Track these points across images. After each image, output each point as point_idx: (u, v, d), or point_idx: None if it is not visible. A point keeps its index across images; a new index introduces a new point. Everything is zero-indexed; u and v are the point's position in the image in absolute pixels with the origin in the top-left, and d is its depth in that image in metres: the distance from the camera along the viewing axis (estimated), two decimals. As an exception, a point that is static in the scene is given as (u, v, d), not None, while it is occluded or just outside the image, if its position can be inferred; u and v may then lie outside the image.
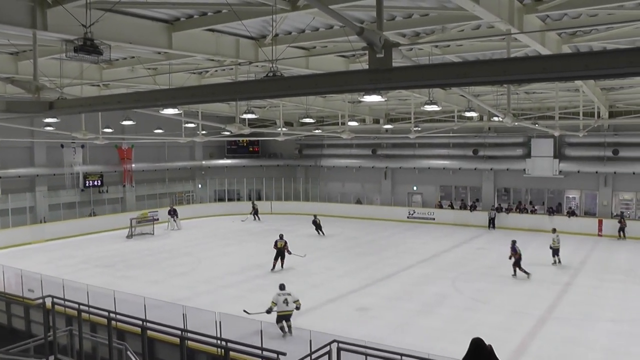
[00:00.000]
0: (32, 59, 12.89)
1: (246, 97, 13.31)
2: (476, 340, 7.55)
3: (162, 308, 15.98)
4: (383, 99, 21.12)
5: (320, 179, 47.14)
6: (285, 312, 16.45)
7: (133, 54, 18.19)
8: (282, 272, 24.86)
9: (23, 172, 35.97)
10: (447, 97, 27.05)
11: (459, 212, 39.56)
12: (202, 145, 44.99)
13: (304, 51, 17.11)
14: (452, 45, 16.64)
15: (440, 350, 11.97)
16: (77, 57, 10.19)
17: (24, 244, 32.86)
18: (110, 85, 23.37)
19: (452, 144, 40.36)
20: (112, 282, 21.67)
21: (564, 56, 5.43)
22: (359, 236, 34.16)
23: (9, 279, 21.51)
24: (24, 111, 13.80)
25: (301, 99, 28.56)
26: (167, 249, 31.02)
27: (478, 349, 7.48)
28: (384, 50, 6.19)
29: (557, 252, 26.37)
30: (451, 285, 22.41)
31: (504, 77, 5.98)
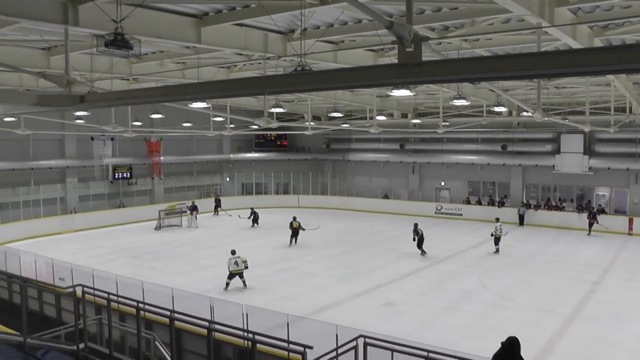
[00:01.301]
0: (63, 54, 13.06)
1: (275, 91, 13.32)
2: (512, 339, 7.54)
3: (190, 299, 16.11)
4: (412, 94, 20.94)
5: (348, 173, 47.04)
6: (238, 270, 21.23)
7: (162, 48, 18.28)
8: (308, 265, 25.02)
9: (54, 164, 36.57)
10: (475, 92, 26.81)
11: (487, 208, 39.05)
12: (230, 138, 45.16)
13: (333, 45, 17.07)
14: (481, 39, 16.48)
15: (465, 347, 11.90)
16: (107, 51, 10.31)
17: (55, 234, 33.44)
18: (140, 79, 23.55)
19: (481, 139, 40.03)
20: (139, 273, 21.91)
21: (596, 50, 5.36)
22: (385, 231, 34.08)
23: (41, 268, 21.87)
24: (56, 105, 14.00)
25: (329, 93, 28.50)
26: (195, 241, 31.22)
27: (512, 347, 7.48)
28: (413, 44, 6.16)
29: (498, 240, 27.57)
30: (478, 282, 22.28)
31: (534, 72, 5.90)
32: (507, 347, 7.52)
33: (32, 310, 18.66)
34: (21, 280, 11.70)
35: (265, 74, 17.55)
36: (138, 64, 20.22)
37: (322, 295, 20.55)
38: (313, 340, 8.88)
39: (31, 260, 22.72)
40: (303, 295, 20.48)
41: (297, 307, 17.69)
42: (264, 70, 18.45)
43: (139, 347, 9.28)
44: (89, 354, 9.71)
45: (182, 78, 21.24)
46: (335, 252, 27.67)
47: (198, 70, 19.55)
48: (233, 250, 22.11)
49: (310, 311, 17.76)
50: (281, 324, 14.07)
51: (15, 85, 22.24)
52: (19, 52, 17.74)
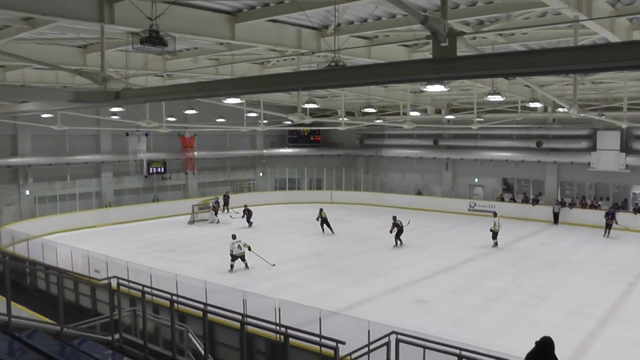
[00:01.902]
0: (99, 52, 13.23)
1: (309, 86, 13.35)
2: (546, 339, 7.47)
3: (223, 293, 16.22)
4: (446, 89, 20.82)
5: (381, 169, 46.92)
6: (240, 253, 23.60)
7: (196, 45, 18.41)
8: (341, 261, 25.05)
9: (90, 159, 37.20)
10: (510, 88, 26.52)
11: (521, 205, 38.65)
12: (263, 134, 45.41)
13: (366, 41, 17.01)
14: (516, 33, 16.27)
15: (498, 346, 11.76)
16: (143, 48, 10.43)
17: (90, 227, 34.00)
18: (174, 76, 23.73)
19: (515, 135, 39.51)
20: (173, 266, 22.13)
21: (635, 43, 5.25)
22: (418, 227, 33.86)
23: (77, 260, 22.23)
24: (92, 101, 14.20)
25: (362, 88, 28.42)
26: (228, 235, 31.32)
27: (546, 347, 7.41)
28: (448, 39, 6.14)
29: (496, 235, 28.11)
30: (511, 281, 22.08)
31: (570, 66, 5.84)
32: (541, 347, 7.45)
33: (68, 300, 18.98)
34: (58, 271, 11.87)
35: (299, 70, 17.59)
36: (172, 61, 20.38)
37: (354, 291, 20.56)
38: (345, 335, 8.89)
39: (67, 253, 23.10)
40: (335, 291, 20.51)
41: (330, 303, 17.72)
42: (297, 66, 18.50)
43: (172, 338, 9.37)
44: (123, 345, 9.85)
45: (215, 74, 21.35)
46: (367, 248, 27.66)
47: (232, 67, 19.65)
48: (234, 234, 24.90)
49: (342, 307, 17.78)
50: (313, 319, 14.09)
51: (52, 82, 22.59)
52: (56, 50, 18.01)
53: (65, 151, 36.09)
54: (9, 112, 24.35)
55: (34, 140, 34.55)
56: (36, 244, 25.11)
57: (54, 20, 12.45)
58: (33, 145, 34.66)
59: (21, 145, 34.33)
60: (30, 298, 20.40)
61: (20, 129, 33.65)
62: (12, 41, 15.52)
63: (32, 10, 11.08)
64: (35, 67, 20.92)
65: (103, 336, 10.01)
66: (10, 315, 8.76)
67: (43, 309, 16.51)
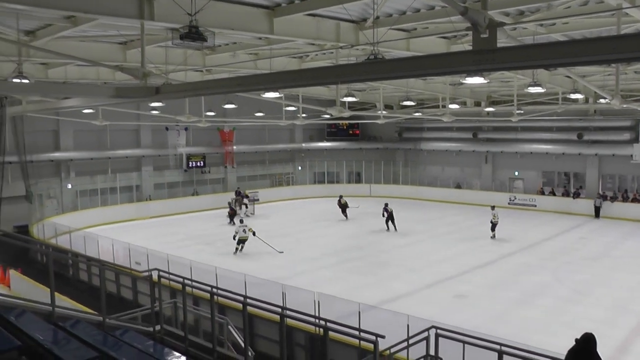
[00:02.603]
0: (139, 48, 13.39)
1: (348, 80, 13.32)
2: (588, 335, 7.35)
3: (262, 286, 16.30)
4: (485, 81, 20.59)
5: (420, 162, 46.62)
6: (244, 237, 25.53)
7: (235, 39, 18.50)
8: (381, 254, 25.01)
9: (130, 153, 37.80)
10: (551, 79, 26.08)
11: (561, 199, 38.02)
12: (302, 128, 45.47)
13: (405, 33, 16.90)
14: (557, 23, 15.97)
15: (538, 342, 11.63)
16: (182, 44, 10.53)
17: (131, 220, 34.52)
18: (213, 71, 23.89)
19: (556, 127, 38.80)
20: (212, 259, 22.30)
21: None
22: (458, 221, 33.70)
23: (118, 252, 22.61)
24: (132, 96, 14.40)
25: (401, 81, 28.25)
26: (266, 228, 31.53)
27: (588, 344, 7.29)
28: (488, 30, 6.07)
29: (495, 226, 28.43)
30: (551, 275, 21.79)
31: (613, 56, 5.73)
32: (582, 344, 7.32)
33: (110, 292, 19.30)
34: (100, 263, 12.05)
35: (338, 64, 17.56)
36: (211, 56, 20.51)
37: (394, 284, 20.53)
38: (384, 329, 8.86)
39: (109, 245, 23.48)
40: (375, 284, 20.51)
41: (368, 296, 17.72)
42: (336, 59, 18.44)
43: (212, 330, 9.46)
44: (164, 336, 9.97)
45: (254, 69, 21.44)
46: (406, 242, 27.57)
47: (270, 61, 19.68)
48: (241, 219, 28.07)
49: (381, 301, 17.76)
50: (352, 313, 14.11)
51: (94, 79, 22.94)
52: (97, 47, 18.31)
53: (106, 146, 36.69)
54: (52, 108, 24.81)
55: (76, 135, 35.20)
56: (78, 236, 25.61)
57: (96, 18, 12.66)
58: (75, 140, 35.33)
59: (63, 140, 35.01)
60: (73, 289, 20.84)
61: (62, 124, 34.31)
62: (54, 39, 15.81)
63: (75, 8, 11.30)
64: (77, 64, 21.27)
65: (144, 327, 10.15)
66: (54, 305, 8.92)
67: (85, 300, 16.83)
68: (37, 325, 7.80)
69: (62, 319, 8.83)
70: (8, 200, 23.38)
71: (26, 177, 31.69)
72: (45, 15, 14.15)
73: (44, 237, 27.36)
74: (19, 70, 15.64)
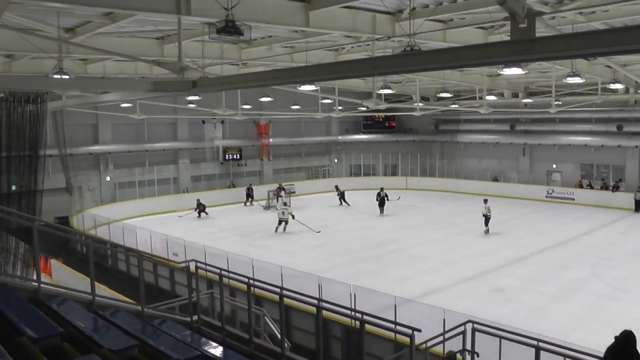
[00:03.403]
0: (176, 42, 13.52)
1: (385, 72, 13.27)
2: (627, 333, 7.20)
3: (298, 278, 16.38)
4: (523, 72, 20.32)
5: (456, 155, 46.20)
6: (283, 218, 28.53)
7: (271, 33, 18.54)
8: (417, 248, 25.01)
9: (167, 146, 38.32)
10: (590, 69, 25.59)
11: (600, 192, 37.28)
12: (338, 120, 45.40)
13: (442, 24, 16.77)
14: (597, 11, 15.64)
15: (576, 339, 11.43)
16: (219, 38, 10.61)
17: (168, 212, 34.85)
18: (249, 64, 23.99)
19: (595, 119, 38.03)
20: (249, 251, 22.41)
21: None
22: (495, 215, 33.33)
23: (155, 243, 22.92)
24: (170, 90, 14.56)
25: (438, 73, 28.02)
26: (303, 221, 31.64)
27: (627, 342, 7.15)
28: (526, 19, 5.99)
29: (488, 220, 27.89)
30: (590, 271, 21.44)
31: (656, 45, 5.61)
32: (621, 342, 7.16)
33: (148, 282, 19.56)
34: (138, 254, 12.23)
35: (374, 56, 17.50)
36: (247, 49, 20.60)
37: (430, 278, 20.46)
38: (420, 323, 8.83)
39: (147, 236, 23.79)
40: (411, 278, 20.46)
41: (405, 290, 17.67)
42: (372, 51, 18.40)
43: (249, 321, 9.52)
44: (202, 326, 10.07)
45: (290, 62, 21.47)
46: (443, 235, 27.43)
47: (306, 54, 19.70)
48: (285, 202, 30.48)
49: (417, 294, 17.68)
50: (388, 306, 14.11)
51: (131, 73, 23.21)
52: (134, 43, 18.56)
53: (144, 139, 37.20)
54: (91, 102, 25.24)
55: (114, 128, 35.80)
56: (117, 227, 26.01)
57: (134, 14, 12.82)
58: (113, 134, 35.95)
59: (102, 134, 35.63)
60: (112, 279, 21.20)
61: (101, 118, 34.90)
62: (93, 36, 16.04)
63: (113, 5, 11.49)
64: (116, 60, 21.52)
65: (182, 317, 10.27)
66: (95, 294, 9.08)
67: (124, 290, 17.12)
68: (78, 313, 7.97)
69: (102, 308, 8.99)
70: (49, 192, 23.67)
71: (66, 170, 32.26)
72: (84, 13, 14.37)
73: (84, 228, 27.82)
74: (59, 66, 15.94)
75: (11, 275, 16.31)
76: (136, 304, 9.95)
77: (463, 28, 16.89)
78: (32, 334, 6.27)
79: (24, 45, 15.58)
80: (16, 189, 19.39)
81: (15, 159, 19.03)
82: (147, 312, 9.66)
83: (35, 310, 7.32)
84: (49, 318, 7.10)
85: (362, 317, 8.41)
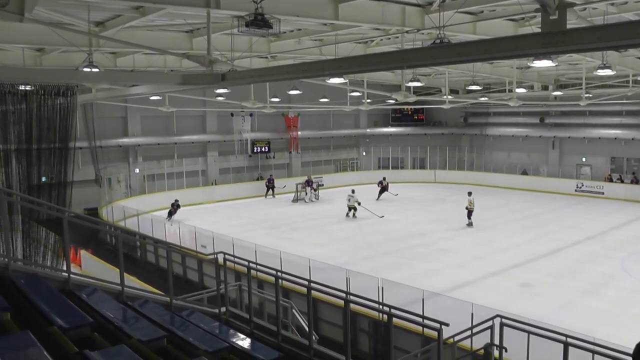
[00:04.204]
0: (205, 36, 13.59)
1: (414, 64, 13.23)
2: None
3: (326, 270, 16.40)
4: (553, 64, 20.08)
5: (486, 148, 45.77)
6: (351, 205, 30.21)
7: (300, 26, 18.56)
8: (445, 241, 24.93)
9: (196, 139, 38.54)
10: (621, 60, 25.17)
11: (631, 186, 36.74)
12: (366, 113, 45.29)
13: (472, 16, 16.63)
14: (629, 1, 15.40)
15: (605, 335, 11.28)
16: (248, 31, 10.65)
17: (197, 204, 35.09)
18: (278, 57, 24.04)
19: (625, 111, 37.34)
20: (277, 243, 22.41)
21: None
22: (523, 209, 33.10)
23: (184, 235, 23.11)
24: (199, 83, 14.65)
25: (467, 65, 27.83)
26: (331, 214, 31.67)
27: None
28: (557, 11, 5.92)
29: (471, 214, 27.91)
30: (619, 266, 21.14)
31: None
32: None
33: (176, 273, 19.72)
34: (167, 245, 12.32)
35: (404, 48, 17.43)
36: (276, 42, 20.62)
37: (458, 272, 20.36)
38: (448, 317, 8.78)
39: (175, 228, 23.99)
40: (438, 272, 20.38)
41: (433, 283, 17.61)
42: (401, 44, 18.31)
43: (277, 314, 9.56)
44: (230, 318, 10.12)
45: (319, 55, 21.45)
46: (471, 229, 27.25)
47: (336, 47, 19.67)
48: (352, 189, 31.31)
49: (445, 288, 17.64)
50: (416, 300, 14.08)
51: (161, 66, 23.36)
52: (164, 36, 18.68)
53: (173, 131, 37.46)
54: (121, 95, 25.46)
55: (143, 121, 36.12)
56: (146, 219, 26.24)
57: (163, 7, 12.90)
58: (142, 126, 36.28)
59: (131, 126, 35.96)
60: (141, 270, 21.38)
61: (130, 111, 35.23)
62: (123, 29, 16.19)
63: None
64: (145, 53, 21.71)
65: (210, 309, 10.33)
66: (124, 285, 9.17)
67: (153, 281, 17.27)
68: (108, 304, 8.05)
69: (131, 299, 9.08)
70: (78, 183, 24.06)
71: (96, 162, 32.70)
72: (114, 7, 14.52)
73: (113, 219, 28.09)
74: (90, 59, 16.11)
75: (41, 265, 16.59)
76: (165, 295, 10.03)
77: (493, 20, 16.76)
78: (63, 324, 6.35)
79: (54, 39, 15.73)
80: (46, 180, 19.69)
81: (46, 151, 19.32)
82: (175, 303, 9.73)
83: (66, 300, 7.41)
84: (79, 308, 7.19)
85: (390, 310, 8.39)
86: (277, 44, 20.70)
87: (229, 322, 9.97)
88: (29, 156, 19.04)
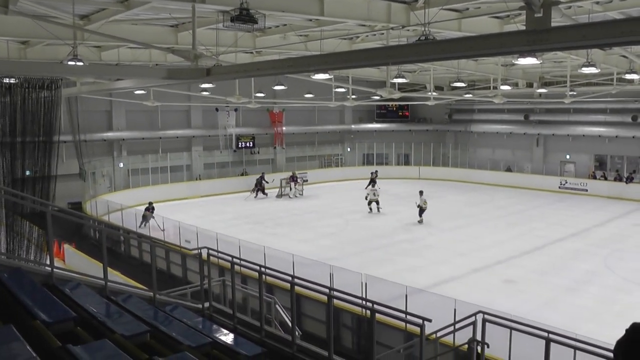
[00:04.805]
0: (190, 30, 13.53)
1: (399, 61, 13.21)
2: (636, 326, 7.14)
3: (310, 266, 16.42)
4: (538, 62, 20.17)
5: (470, 144, 45.94)
6: (374, 199, 30.67)
7: (285, 21, 18.52)
8: (429, 238, 25.03)
9: (180, 133, 38.49)
10: (606, 59, 25.32)
11: (614, 184, 36.97)
12: (351, 109, 45.39)
13: (457, 14, 16.67)
14: (614, 0, 15.52)
15: (587, 331, 11.37)
16: (233, 26, 10.63)
17: (181, 199, 35.08)
18: (263, 52, 23.99)
19: (610, 109, 37.62)
20: (261, 239, 22.37)
21: None
22: (508, 205, 33.27)
23: (168, 230, 23.05)
24: (184, 78, 14.58)
25: (452, 62, 27.88)
26: (316, 209, 31.69)
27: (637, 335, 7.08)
28: (542, 9, 5.94)
29: (422, 211, 27.91)
30: (602, 263, 21.30)
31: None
32: (632, 334, 7.11)
33: (160, 268, 19.65)
34: (150, 240, 12.29)
35: (389, 45, 17.43)
36: (262, 38, 20.58)
37: (441, 268, 20.42)
38: (431, 313, 8.81)
39: (159, 223, 23.82)
40: (422, 268, 20.42)
41: (417, 279, 17.67)
42: (386, 40, 18.32)
43: (260, 309, 9.57)
44: (213, 313, 10.13)
45: (304, 50, 21.43)
46: (455, 225, 27.35)
47: (321, 43, 19.64)
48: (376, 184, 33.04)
49: (429, 284, 17.67)
50: (399, 296, 14.11)
51: (146, 60, 23.24)
52: (149, 30, 18.58)
53: (157, 126, 37.34)
54: (105, 89, 25.33)
55: (128, 115, 36.00)
56: (129, 213, 26.15)
57: (148, 1, 12.84)
58: (127, 120, 36.16)
59: (116, 120, 35.81)
60: (124, 264, 21.29)
61: (115, 105, 35.03)
62: (108, 23, 16.08)
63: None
64: (130, 47, 21.59)
65: (194, 304, 10.32)
66: (107, 280, 9.14)
67: (136, 275, 17.21)
68: (91, 298, 8.02)
69: (115, 293, 9.05)
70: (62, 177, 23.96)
71: (80, 156, 32.52)
72: (99, 0, 14.41)
73: (97, 213, 27.96)
74: (74, 53, 15.97)
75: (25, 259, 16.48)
76: (148, 290, 10.00)
77: (478, 17, 16.79)
78: (46, 318, 6.31)
79: (39, 32, 15.60)
80: (30, 174, 19.57)
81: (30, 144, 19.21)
82: (159, 298, 9.72)
83: (49, 295, 7.37)
84: (62, 302, 7.15)
85: (373, 306, 8.42)
86: (263, 39, 20.66)
87: (213, 317, 9.97)
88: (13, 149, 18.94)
